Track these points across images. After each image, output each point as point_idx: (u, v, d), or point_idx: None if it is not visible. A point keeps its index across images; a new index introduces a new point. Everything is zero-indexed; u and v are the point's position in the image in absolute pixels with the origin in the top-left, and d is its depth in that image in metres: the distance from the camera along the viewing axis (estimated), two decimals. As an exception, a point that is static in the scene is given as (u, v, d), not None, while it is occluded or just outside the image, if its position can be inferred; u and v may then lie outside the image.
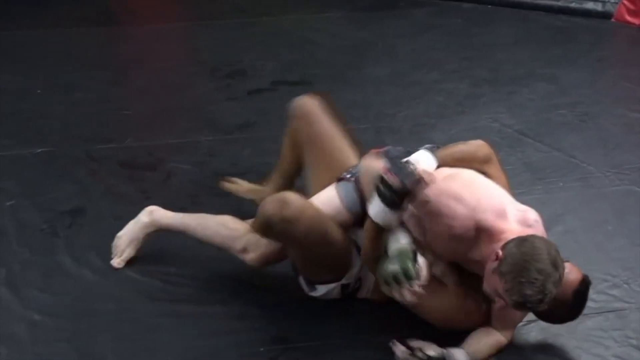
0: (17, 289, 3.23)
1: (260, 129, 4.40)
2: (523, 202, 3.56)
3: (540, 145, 4.18)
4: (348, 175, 3.07)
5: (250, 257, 3.12)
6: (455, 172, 2.86)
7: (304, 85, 4.91)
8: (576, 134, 4.30)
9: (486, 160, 2.96)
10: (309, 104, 3.33)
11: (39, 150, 4.20)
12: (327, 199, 3.03)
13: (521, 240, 2.62)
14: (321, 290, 3.07)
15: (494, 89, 4.82)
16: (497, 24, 5.85)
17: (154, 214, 3.33)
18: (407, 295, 2.69)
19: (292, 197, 2.92)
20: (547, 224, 3.47)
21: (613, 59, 5.42)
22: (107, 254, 3.39)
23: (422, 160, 2.82)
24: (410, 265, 2.67)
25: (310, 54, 5.41)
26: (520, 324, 2.99)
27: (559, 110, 4.55)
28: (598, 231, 3.50)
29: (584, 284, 2.83)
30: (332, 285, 3.05)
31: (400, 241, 2.72)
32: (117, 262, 3.29)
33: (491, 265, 2.64)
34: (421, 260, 2.73)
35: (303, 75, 5.05)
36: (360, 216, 2.96)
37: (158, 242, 3.42)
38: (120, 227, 3.56)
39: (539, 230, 2.79)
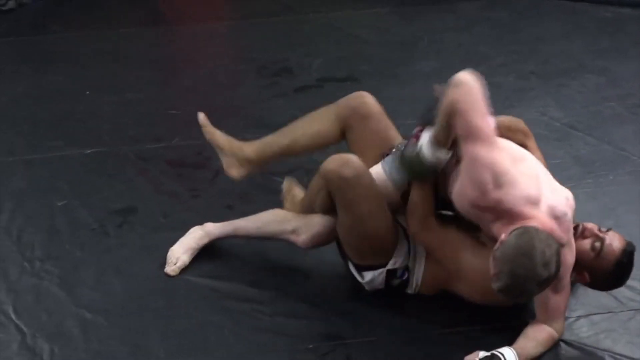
0: (69, 287, 3.27)
1: (308, 126, 4.38)
2: (573, 196, 3.56)
3: (589, 139, 4.12)
4: (394, 150, 3.09)
5: (301, 239, 3.18)
6: (510, 146, 2.87)
7: (351, 82, 4.90)
8: (627, 126, 4.23)
9: (527, 134, 3.02)
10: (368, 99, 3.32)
11: (89, 150, 4.25)
12: (373, 174, 3.04)
13: (523, 232, 2.60)
14: (367, 276, 3.07)
15: (543, 82, 4.76)
16: (544, 17, 5.77)
17: (205, 227, 3.38)
18: None
19: (354, 160, 2.99)
20: (598, 218, 3.45)
21: (664, 50, 5.32)
22: (157, 252, 3.43)
23: None
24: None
25: (357, 50, 5.39)
26: (572, 319, 2.96)
27: (609, 102, 4.48)
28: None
29: (627, 253, 2.83)
30: (377, 271, 3.05)
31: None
32: (171, 269, 3.31)
33: (495, 246, 2.64)
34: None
35: (350, 71, 5.04)
36: (405, 193, 3.01)
37: (210, 248, 3.46)
38: (170, 225, 3.61)
39: (564, 225, 2.75)
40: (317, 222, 3.16)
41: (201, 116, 3.47)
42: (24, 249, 3.51)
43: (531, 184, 2.71)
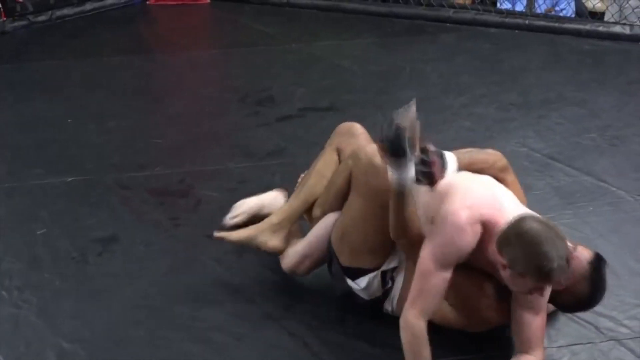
0: (48, 316, 3.22)
1: (290, 155, 4.38)
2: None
3: (569, 170, 4.12)
4: None
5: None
6: (475, 176, 2.86)
7: (333, 111, 4.91)
8: (606, 158, 4.24)
9: (503, 170, 2.97)
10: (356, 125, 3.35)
11: (71, 178, 4.22)
12: None
13: (522, 216, 2.63)
14: (363, 282, 3.04)
15: (523, 113, 4.78)
16: (525, 49, 5.81)
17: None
18: None
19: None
20: (578, 249, 3.45)
21: (643, 82, 5.36)
22: (138, 282, 3.40)
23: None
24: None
25: (340, 80, 5.40)
26: (553, 349, 2.95)
27: (589, 134, 4.50)
28: (629, 256, 3.43)
29: (595, 265, 2.79)
30: (372, 275, 3.02)
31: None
32: (228, 218, 3.38)
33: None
34: None
35: (332, 101, 5.04)
36: None
37: (189, 274, 3.43)
38: (151, 254, 3.59)
39: None
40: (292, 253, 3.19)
41: (217, 235, 3.40)
42: (3, 277, 3.46)
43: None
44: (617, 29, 5.88)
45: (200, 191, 4.08)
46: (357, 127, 3.33)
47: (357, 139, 3.27)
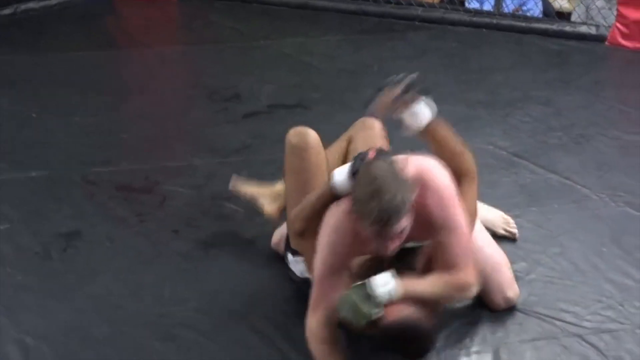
0: (11, 312, 3.21)
1: (257, 152, 4.38)
2: (517, 225, 3.60)
3: (535, 168, 4.16)
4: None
5: None
6: None
7: (301, 109, 4.91)
8: (571, 156, 4.28)
9: (469, 174, 2.91)
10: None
11: (35, 174, 4.19)
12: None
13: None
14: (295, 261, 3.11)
15: (490, 111, 4.81)
16: (492, 48, 5.85)
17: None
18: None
19: (308, 133, 3.10)
20: (543, 245, 3.50)
21: (608, 82, 5.40)
22: (102, 277, 3.39)
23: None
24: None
25: (308, 78, 5.40)
26: (516, 343, 2.98)
27: (555, 132, 4.54)
28: (593, 253, 3.47)
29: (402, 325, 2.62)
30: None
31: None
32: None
33: None
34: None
35: (300, 98, 5.04)
36: None
37: (154, 270, 3.42)
38: (116, 250, 3.58)
39: None
40: None
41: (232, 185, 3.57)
42: (-35, 273, 3.44)
43: None
44: (584, 29, 5.93)
45: (166, 187, 4.07)
46: (375, 123, 3.33)
47: (371, 131, 3.30)
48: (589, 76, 5.29)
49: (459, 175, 2.85)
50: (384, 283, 2.59)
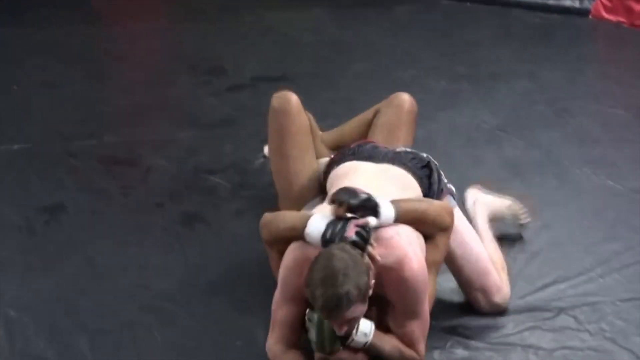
0: (-6, 285, 3.20)
1: (240, 125, 4.37)
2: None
3: (518, 142, 4.17)
4: None
5: None
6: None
7: (284, 82, 4.88)
8: (554, 129, 4.29)
9: (444, 229, 2.83)
10: (408, 101, 3.36)
11: (17, 146, 4.17)
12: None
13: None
14: None
15: (473, 85, 4.80)
16: (476, 22, 5.82)
17: None
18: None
19: (289, 97, 3.22)
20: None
21: (591, 56, 5.40)
22: (85, 250, 3.39)
23: (384, 212, 2.70)
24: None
25: (292, 51, 5.38)
26: (498, 317, 2.99)
27: (537, 106, 4.54)
28: (574, 226, 3.49)
29: None
30: None
31: None
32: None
33: None
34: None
35: (284, 71, 5.02)
36: None
37: (137, 243, 3.42)
38: (99, 223, 3.58)
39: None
40: None
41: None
42: (-53, 246, 3.43)
43: None
44: (567, 2, 5.91)
45: (150, 160, 4.06)
46: (406, 102, 3.36)
47: (399, 109, 3.34)
48: (572, 50, 5.29)
49: (435, 234, 2.82)
50: (366, 333, 2.65)
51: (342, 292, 2.45)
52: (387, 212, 2.70)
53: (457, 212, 3.02)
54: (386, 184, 2.90)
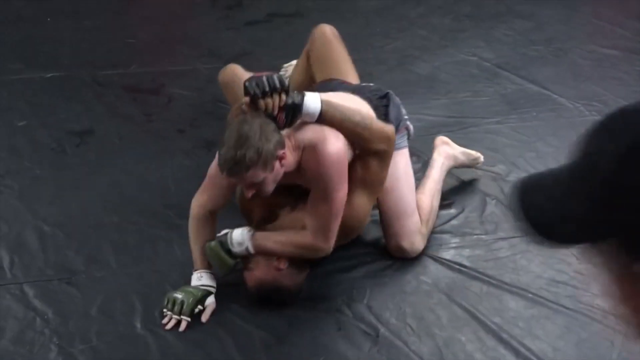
0: (28, 201, 3.24)
1: (257, 58, 4.34)
2: (497, 131, 3.60)
3: (515, 78, 4.14)
4: None
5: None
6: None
7: (298, 17, 4.85)
8: (550, 67, 4.25)
9: (375, 152, 2.73)
10: (328, 30, 3.27)
11: (49, 74, 4.16)
12: None
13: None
14: None
15: (475, 24, 4.75)
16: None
17: None
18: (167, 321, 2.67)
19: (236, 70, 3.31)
20: (520, 150, 3.51)
21: (587, -3, 5.34)
22: (112, 171, 3.41)
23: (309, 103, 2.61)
24: (190, 303, 2.65)
25: (305, -12, 5.32)
26: (492, 240, 3.01)
27: (535, 45, 4.50)
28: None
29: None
30: None
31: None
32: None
33: None
34: (210, 300, 2.70)
35: (297, 7, 4.97)
36: None
37: (160, 166, 3.43)
38: (125, 147, 3.58)
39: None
40: None
41: None
42: (-15, 165, 3.45)
43: None
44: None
45: (171, 89, 4.06)
46: (327, 29, 3.27)
47: (322, 40, 3.24)
48: (570, -9, 5.22)
49: (368, 152, 2.74)
50: (240, 241, 2.66)
51: (239, 154, 2.42)
52: (312, 107, 2.60)
53: (403, 153, 2.94)
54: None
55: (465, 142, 3.54)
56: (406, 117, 3.01)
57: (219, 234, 2.74)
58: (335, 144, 2.62)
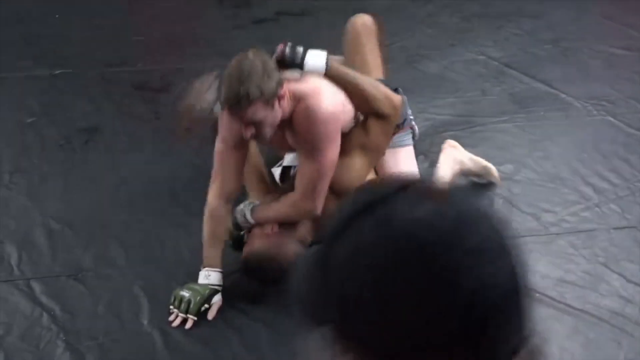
0: (36, 198, 3.24)
1: (265, 57, 4.34)
2: (505, 130, 3.60)
3: (524, 77, 4.13)
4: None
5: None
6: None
7: (306, 16, 4.84)
8: (558, 67, 4.24)
9: (379, 116, 2.73)
10: (358, 23, 3.25)
11: (58, 71, 4.17)
12: None
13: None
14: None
15: (483, 23, 4.74)
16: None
17: None
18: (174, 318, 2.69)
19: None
20: (528, 149, 3.50)
21: (596, -3, 5.32)
22: (120, 169, 3.41)
23: (313, 60, 2.64)
24: (197, 302, 2.67)
25: (313, -13, 5.31)
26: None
27: (544, 45, 4.48)
28: (574, 157, 3.48)
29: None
30: None
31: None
32: None
33: None
34: (217, 298, 2.73)
35: (305, 6, 4.97)
36: None
37: (168, 164, 3.42)
38: (132, 144, 3.58)
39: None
40: None
41: None
42: (-6, 161, 3.46)
43: None
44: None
45: (179, 87, 4.05)
46: (357, 22, 3.24)
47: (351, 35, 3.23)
48: (579, -9, 5.20)
49: (371, 116, 2.74)
50: (241, 211, 2.76)
51: (242, 89, 2.41)
52: (316, 60, 2.61)
53: (408, 150, 2.95)
54: None
55: (473, 141, 3.54)
56: (411, 117, 3.00)
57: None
58: (328, 101, 2.59)
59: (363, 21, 3.22)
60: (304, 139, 2.62)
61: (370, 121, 2.73)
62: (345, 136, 2.70)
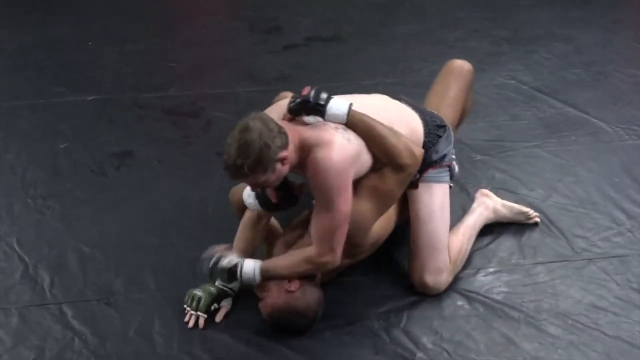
0: (69, 223, 3.28)
1: (295, 81, 4.35)
2: (536, 155, 3.59)
3: (554, 102, 4.11)
4: None
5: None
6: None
7: (336, 42, 4.87)
8: (589, 91, 4.22)
9: (396, 166, 2.70)
10: (449, 66, 3.28)
11: (91, 97, 4.22)
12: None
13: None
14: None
15: (513, 48, 4.73)
16: (518, -14, 5.72)
17: None
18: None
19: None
20: (559, 174, 3.49)
21: (628, 21, 5.27)
22: (151, 193, 3.44)
23: (336, 107, 2.64)
24: (207, 300, 2.78)
25: (343, 12, 5.33)
26: (530, 265, 2.99)
27: (574, 69, 4.47)
28: (606, 182, 3.45)
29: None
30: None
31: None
32: None
33: None
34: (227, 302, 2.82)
35: (335, 32, 4.99)
36: None
37: (199, 188, 3.44)
38: (164, 170, 3.61)
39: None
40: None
41: None
42: (28, 186, 3.50)
43: None
44: (606, -31, 5.78)
45: (210, 112, 4.09)
46: (454, 65, 3.29)
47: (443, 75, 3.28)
48: (610, 15, 5.17)
49: (388, 164, 2.71)
50: (250, 277, 2.69)
51: (238, 162, 2.47)
52: (337, 109, 2.63)
53: (444, 188, 2.90)
54: (391, 108, 2.86)
55: (504, 166, 3.53)
56: (454, 156, 2.97)
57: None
58: (338, 152, 2.58)
59: (460, 64, 3.26)
60: (315, 190, 2.62)
61: (387, 169, 2.70)
62: (358, 179, 2.68)
